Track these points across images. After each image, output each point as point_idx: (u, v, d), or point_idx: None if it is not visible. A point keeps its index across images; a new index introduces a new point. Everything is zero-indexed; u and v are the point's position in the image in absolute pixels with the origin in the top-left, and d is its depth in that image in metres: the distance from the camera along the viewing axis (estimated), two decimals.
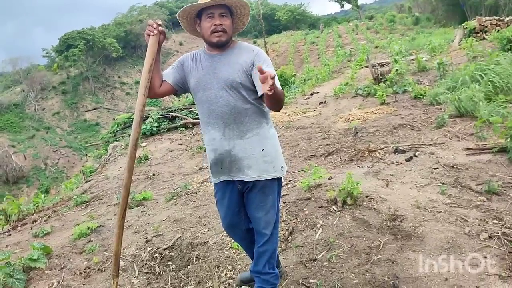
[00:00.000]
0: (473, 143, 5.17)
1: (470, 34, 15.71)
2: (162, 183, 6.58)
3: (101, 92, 62.26)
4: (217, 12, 2.27)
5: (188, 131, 11.37)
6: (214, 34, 2.29)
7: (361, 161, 5.33)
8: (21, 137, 49.61)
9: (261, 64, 2.27)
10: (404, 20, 48.55)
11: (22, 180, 41.81)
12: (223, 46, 2.36)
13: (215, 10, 2.27)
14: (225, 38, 2.31)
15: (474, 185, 4.00)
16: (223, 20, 2.29)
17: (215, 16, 2.27)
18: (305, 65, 33.11)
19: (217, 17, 2.27)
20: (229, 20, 2.33)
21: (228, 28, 2.31)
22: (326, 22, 72.51)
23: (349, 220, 3.61)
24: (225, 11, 2.30)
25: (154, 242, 3.96)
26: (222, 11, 2.28)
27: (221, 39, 2.30)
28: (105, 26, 74.09)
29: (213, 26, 2.27)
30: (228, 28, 2.31)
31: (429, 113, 7.05)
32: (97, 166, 10.28)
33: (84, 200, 6.24)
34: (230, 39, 2.37)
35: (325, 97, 11.96)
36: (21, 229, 5.49)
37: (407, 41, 24.76)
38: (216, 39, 2.30)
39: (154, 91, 2.38)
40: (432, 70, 11.31)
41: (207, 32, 2.31)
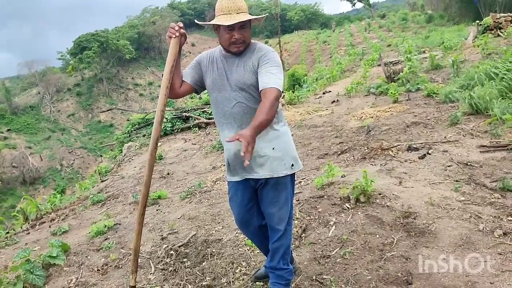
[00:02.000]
0: (487, 140, 5.15)
1: (484, 31, 15.53)
2: (177, 182, 6.65)
3: (115, 94, 62.89)
4: (238, 25, 2.26)
5: (202, 131, 11.44)
6: (233, 45, 2.31)
7: (374, 159, 5.34)
8: (37, 138, 50.37)
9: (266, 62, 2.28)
10: (416, 18, 48.08)
11: (38, 180, 42.45)
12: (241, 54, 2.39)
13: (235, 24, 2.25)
14: (243, 47, 2.33)
15: (489, 182, 3.99)
16: (243, 31, 2.29)
17: (235, 29, 2.26)
18: (317, 64, 33.06)
19: (237, 30, 2.27)
20: (249, 30, 2.34)
21: (247, 38, 2.33)
22: (338, 21, 72.25)
23: (362, 218, 3.63)
24: (244, 23, 2.28)
25: (170, 239, 4.02)
26: (242, 23, 2.27)
27: (239, 49, 2.32)
28: (118, 28, 74.85)
29: (233, 38, 2.28)
30: (247, 39, 2.33)
31: (443, 111, 7.01)
32: (113, 166, 10.41)
33: (101, 199, 6.34)
34: (248, 46, 2.39)
35: (337, 96, 11.94)
36: (39, 227, 5.60)
37: (420, 39, 24.56)
38: (235, 50, 2.32)
39: (175, 91, 2.44)
40: (445, 68, 11.23)
41: (226, 42, 2.31)
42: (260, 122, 2.04)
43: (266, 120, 2.07)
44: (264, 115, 2.06)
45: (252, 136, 1.93)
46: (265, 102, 2.11)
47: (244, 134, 1.91)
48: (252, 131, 1.96)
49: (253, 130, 1.98)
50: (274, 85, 2.17)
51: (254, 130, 1.98)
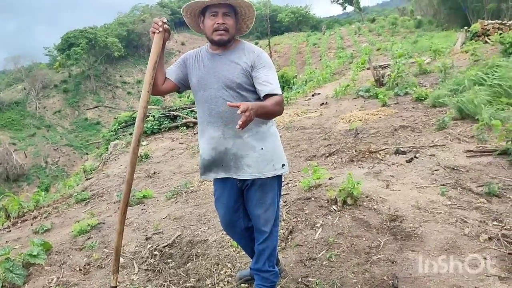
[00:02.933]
0: (474, 145, 5.18)
1: (472, 37, 15.72)
2: (163, 181, 6.58)
3: (103, 91, 62.30)
4: (221, 11, 2.27)
5: (189, 130, 11.38)
6: (216, 32, 2.29)
7: (362, 162, 5.34)
8: (22, 135, 49.65)
9: (262, 66, 2.31)
10: (406, 23, 48.55)
11: (22, 178, 41.80)
12: (225, 45, 2.36)
13: (219, 9, 2.27)
14: (227, 37, 2.31)
15: (475, 187, 4.01)
16: (226, 19, 2.29)
17: (218, 15, 2.27)
18: (307, 67, 33.12)
19: (220, 16, 2.27)
20: (233, 20, 2.33)
21: (231, 27, 2.31)
22: (328, 24, 72.62)
23: (349, 220, 3.62)
24: (229, 10, 2.30)
25: (154, 239, 3.96)
26: (226, 10, 2.28)
27: (222, 38, 2.30)
28: (107, 25, 74.16)
29: (216, 24, 2.28)
30: (231, 28, 2.31)
31: (430, 115, 7.05)
32: (98, 164, 10.29)
33: (85, 198, 6.24)
34: (232, 38, 2.38)
35: (326, 98, 11.96)
36: (21, 225, 5.49)
37: (409, 44, 24.75)
38: (217, 38, 2.30)
39: (157, 88, 2.41)
40: (433, 73, 11.32)
41: (210, 30, 2.31)
42: (266, 106, 2.14)
43: (270, 110, 2.17)
44: (271, 106, 2.17)
45: (254, 107, 1.99)
46: (273, 99, 2.21)
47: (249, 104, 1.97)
48: (257, 106, 2.03)
49: (258, 106, 2.05)
50: (278, 91, 2.25)
51: (259, 107, 2.05)
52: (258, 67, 2.31)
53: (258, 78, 2.29)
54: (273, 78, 2.30)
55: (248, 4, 2.34)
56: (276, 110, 2.22)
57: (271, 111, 2.19)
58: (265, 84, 2.26)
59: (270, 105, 2.17)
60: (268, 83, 2.27)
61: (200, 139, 2.52)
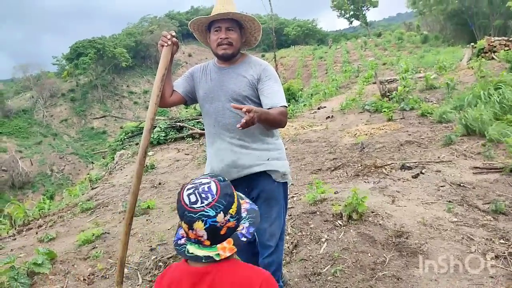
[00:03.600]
0: (481, 162, 5.17)
1: (479, 54, 15.74)
2: (168, 192, 6.59)
3: (109, 101, 62.74)
4: (224, 26, 2.32)
5: (195, 141, 11.41)
6: (219, 47, 2.34)
7: (368, 176, 5.33)
8: (29, 142, 49.98)
9: (268, 78, 2.36)
10: (412, 38, 48.71)
11: (27, 185, 42.00)
12: (230, 59, 2.41)
13: (222, 24, 2.32)
14: (231, 51, 2.35)
15: (481, 204, 3.99)
16: (229, 33, 2.33)
17: (222, 30, 2.32)
18: (313, 80, 33.24)
19: (223, 31, 2.32)
20: (236, 34, 2.37)
21: (235, 41, 2.35)
22: (334, 38, 72.93)
23: (354, 235, 3.60)
24: (232, 25, 2.34)
25: (159, 250, 3.96)
26: (229, 25, 2.33)
27: (226, 52, 2.35)
28: (116, 36, 74.98)
29: (219, 39, 2.33)
30: (235, 42, 2.35)
31: (436, 131, 7.04)
32: (104, 174, 10.32)
33: (90, 207, 6.25)
34: (237, 52, 2.42)
35: (332, 111, 11.99)
36: (26, 233, 5.50)
37: (415, 59, 24.82)
38: (221, 52, 2.35)
39: (164, 100, 2.44)
40: (440, 89, 11.33)
41: (214, 44, 2.37)
42: (271, 114, 2.17)
43: (273, 118, 2.19)
44: (274, 114, 2.20)
45: (258, 111, 2.02)
46: (278, 110, 2.25)
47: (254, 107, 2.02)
48: (261, 111, 2.06)
49: (262, 111, 2.08)
50: (283, 103, 2.29)
51: (262, 112, 2.08)
52: (263, 79, 2.35)
53: (263, 91, 2.33)
54: (278, 91, 2.35)
55: (250, 18, 2.38)
56: (279, 120, 2.24)
57: (274, 119, 2.21)
58: (270, 96, 2.31)
59: (274, 113, 2.20)
60: (273, 95, 2.31)
61: (208, 151, 2.55)
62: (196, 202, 1.27)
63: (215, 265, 1.30)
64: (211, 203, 1.27)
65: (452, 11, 45.29)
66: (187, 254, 1.32)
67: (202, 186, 1.31)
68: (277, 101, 2.29)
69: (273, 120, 2.20)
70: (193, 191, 1.30)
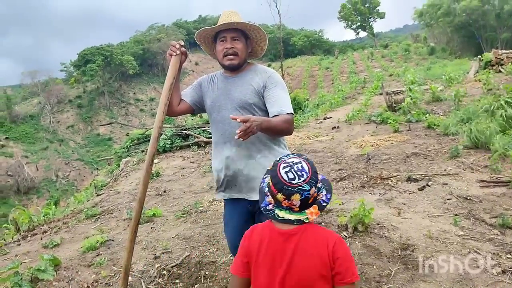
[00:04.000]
0: (487, 175, 5.13)
1: (486, 66, 15.71)
2: (173, 200, 6.59)
3: (116, 108, 63.06)
4: (229, 36, 2.35)
5: (201, 149, 11.42)
6: (225, 57, 2.37)
7: (373, 188, 5.30)
8: (35, 148, 50.25)
9: (274, 85, 2.36)
10: (419, 50, 48.75)
11: (32, 190, 42.16)
12: (236, 69, 2.43)
13: (228, 34, 2.35)
14: (237, 61, 2.38)
15: (488, 218, 3.95)
16: (235, 43, 2.36)
17: (227, 40, 2.35)
18: (319, 90, 33.29)
19: (229, 41, 2.35)
20: (242, 43, 2.39)
21: (240, 51, 2.38)
22: (341, 48, 73.11)
23: (359, 247, 3.58)
24: (237, 35, 2.37)
25: (163, 259, 3.95)
26: (234, 35, 2.36)
27: (232, 62, 2.37)
28: (123, 43, 75.60)
29: (224, 49, 2.36)
30: (240, 52, 2.38)
31: (443, 143, 7.02)
32: (109, 180, 10.35)
33: (95, 214, 6.26)
34: (244, 62, 2.44)
35: (338, 122, 11.98)
36: (31, 239, 5.51)
37: (422, 71, 24.81)
38: (227, 62, 2.37)
39: (172, 109, 2.46)
40: (446, 101, 11.30)
41: (220, 55, 2.40)
42: (273, 121, 2.16)
43: (276, 126, 2.18)
44: (278, 122, 2.19)
45: (258, 120, 2.02)
46: (282, 117, 2.23)
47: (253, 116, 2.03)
48: (261, 120, 2.06)
49: (263, 120, 2.08)
50: (289, 110, 2.28)
51: (263, 120, 2.08)
52: (269, 86, 2.36)
53: (269, 98, 2.34)
54: (284, 98, 2.35)
55: (255, 27, 2.40)
56: (283, 128, 2.23)
57: (277, 127, 2.19)
58: (275, 103, 2.31)
59: (278, 121, 2.20)
60: (279, 102, 2.31)
61: (213, 159, 2.55)
62: (294, 179, 1.53)
63: (300, 227, 1.58)
64: (306, 179, 1.53)
65: (459, 24, 45.43)
66: (278, 217, 1.59)
67: (296, 165, 1.57)
68: (283, 108, 2.29)
69: (277, 128, 2.19)
70: (289, 169, 1.56)
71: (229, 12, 2.40)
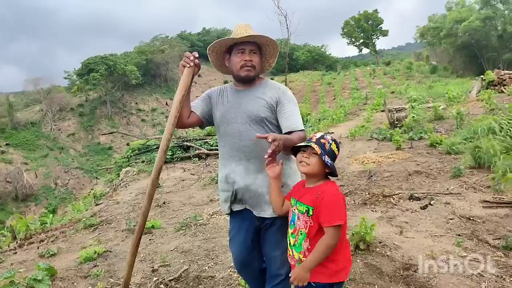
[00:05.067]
0: (490, 195, 5.09)
1: (488, 86, 15.75)
2: (172, 212, 6.54)
3: (117, 117, 63.07)
4: (248, 49, 2.35)
5: (201, 161, 11.39)
6: (243, 68, 2.36)
7: (375, 205, 5.26)
8: (35, 155, 50.14)
9: (288, 102, 2.36)
10: (421, 68, 48.98)
11: (31, 198, 41.93)
12: (250, 82, 2.42)
13: (246, 47, 2.35)
14: (253, 73, 2.38)
15: (491, 239, 3.90)
16: (253, 56, 2.36)
17: (245, 52, 2.35)
18: (321, 105, 33.34)
19: (247, 53, 2.35)
20: (259, 57, 2.41)
21: (257, 64, 2.39)
22: (344, 64, 73.45)
23: (361, 266, 3.52)
24: (255, 48, 2.38)
25: (161, 272, 3.89)
26: (252, 48, 2.36)
27: (249, 74, 2.36)
28: (127, 53, 75.94)
29: (243, 61, 2.35)
30: (257, 65, 2.39)
31: (445, 162, 6.98)
32: (108, 190, 10.29)
33: (93, 224, 6.20)
34: (258, 75, 2.43)
35: (340, 137, 11.96)
36: (27, 247, 5.45)
37: (424, 89, 24.88)
38: (245, 73, 2.36)
39: (182, 121, 2.44)
40: (449, 119, 11.30)
41: (237, 66, 2.37)
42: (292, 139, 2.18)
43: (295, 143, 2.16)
44: (297, 139, 2.20)
45: (282, 138, 2.07)
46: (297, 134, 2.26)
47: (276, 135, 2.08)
48: (284, 138, 2.11)
49: (285, 138, 2.12)
50: (302, 127, 2.30)
51: (286, 139, 2.12)
52: (283, 102, 2.36)
53: (284, 113, 2.33)
54: (297, 115, 2.36)
55: (274, 42, 2.42)
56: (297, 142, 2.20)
57: (295, 144, 2.17)
58: (289, 119, 2.31)
59: (296, 139, 2.19)
60: (292, 119, 2.31)
61: (220, 172, 2.52)
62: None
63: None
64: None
65: (461, 44, 45.71)
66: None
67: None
68: (297, 125, 2.30)
69: (294, 144, 2.17)
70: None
71: (245, 25, 2.40)
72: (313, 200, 2.01)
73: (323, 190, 2.04)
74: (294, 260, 2.11)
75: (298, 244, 2.06)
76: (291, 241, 2.11)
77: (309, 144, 2.02)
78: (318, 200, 1.99)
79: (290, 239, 2.13)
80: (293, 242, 2.10)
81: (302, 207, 2.06)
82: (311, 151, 2.03)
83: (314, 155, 2.03)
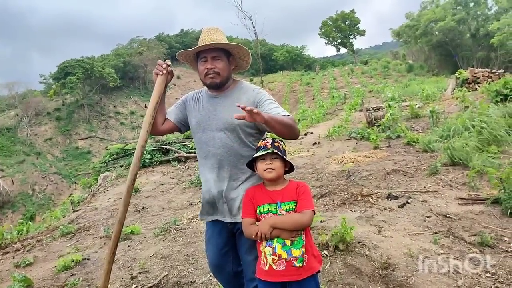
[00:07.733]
0: (466, 192, 5.18)
1: (462, 84, 16.08)
2: (151, 217, 6.47)
3: (95, 121, 62.21)
4: (210, 56, 2.34)
5: (181, 164, 11.30)
6: (207, 76, 2.35)
7: (354, 205, 5.30)
8: (11, 161, 49.03)
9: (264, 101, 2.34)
10: (398, 67, 49.70)
11: (7, 205, 40.96)
12: (219, 87, 2.41)
13: (208, 54, 2.34)
14: (218, 80, 2.36)
15: (467, 236, 3.97)
16: (216, 63, 2.34)
17: (208, 60, 2.34)
18: (300, 105, 33.50)
19: (209, 61, 2.34)
20: (223, 62, 2.37)
21: (222, 70, 2.36)
22: (322, 64, 74.02)
23: (340, 266, 3.55)
24: (218, 54, 2.35)
25: (140, 279, 3.85)
26: (215, 54, 2.34)
27: (214, 81, 2.35)
28: (105, 56, 75.05)
29: (206, 69, 2.34)
30: (222, 70, 2.36)
31: (422, 160, 7.09)
32: (86, 196, 10.12)
33: (70, 231, 6.10)
34: (226, 80, 2.42)
35: (319, 138, 12.03)
36: (2, 257, 5.33)
37: (400, 88, 25.24)
38: (209, 81, 2.36)
39: (157, 128, 2.44)
40: (425, 117, 11.48)
41: (202, 75, 2.38)
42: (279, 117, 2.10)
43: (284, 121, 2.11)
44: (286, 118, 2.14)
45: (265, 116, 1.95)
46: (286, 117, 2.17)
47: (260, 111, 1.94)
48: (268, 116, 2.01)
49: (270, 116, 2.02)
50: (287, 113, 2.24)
51: (271, 117, 2.02)
52: (262, 99, 2.35)
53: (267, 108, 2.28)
54: (278, 107, 2.32)
55: (235, 46, 2.40)
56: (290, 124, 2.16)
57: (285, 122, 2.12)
58: (274, 110, 2.26)
59: (285, 118, 2.15)
60: (277, 109, 2.27)
61: (201, 179, 2.53)
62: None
63: None
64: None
65: (437, 42, 46.65)
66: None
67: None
68: (283, 113, 2.23)
69: (283, 122, 2.11)
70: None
71: (209, 30, 2.38)
72: (295, 194, 2.19)
73: (297, 183, 2.24)
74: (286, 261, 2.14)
75: (297, 241, 2.14)
76: (287, 243, 2.13)
77: (269, 151, 2.13)
78: (298, 192, 2.19)
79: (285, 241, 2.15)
80: (289, 243, 2.13)
81: (289, 205, 2.17)
82: (271, 157, 2.16)
83: (275, 159, 2.17)
